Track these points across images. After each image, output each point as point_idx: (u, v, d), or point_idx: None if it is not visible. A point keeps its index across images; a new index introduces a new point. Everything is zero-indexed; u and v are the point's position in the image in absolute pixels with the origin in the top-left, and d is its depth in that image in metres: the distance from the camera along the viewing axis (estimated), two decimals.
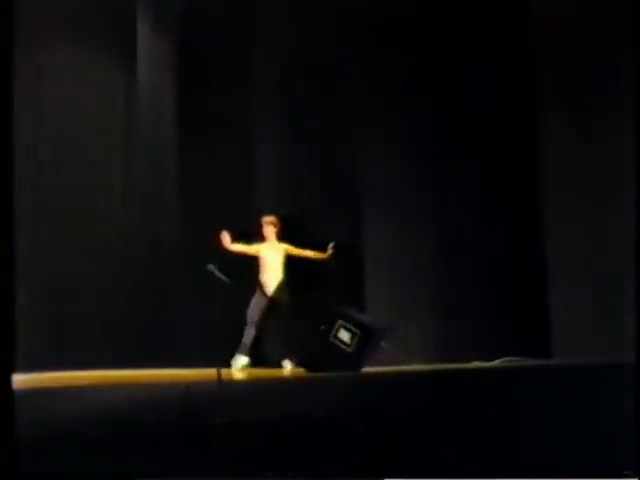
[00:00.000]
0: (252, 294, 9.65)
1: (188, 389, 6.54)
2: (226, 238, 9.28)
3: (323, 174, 10.50)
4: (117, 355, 9.98)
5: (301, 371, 8.49)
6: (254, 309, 9.42)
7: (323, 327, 8.56)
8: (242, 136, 10.76)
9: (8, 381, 3.94)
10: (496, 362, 9.18)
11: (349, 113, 10.62)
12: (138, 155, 10.96)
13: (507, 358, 9.25)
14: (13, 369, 4.28)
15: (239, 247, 9.38)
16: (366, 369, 8.42)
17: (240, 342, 9.31)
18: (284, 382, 7.88)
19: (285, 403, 5.89)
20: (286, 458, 4.45)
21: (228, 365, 8.97)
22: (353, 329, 8.45)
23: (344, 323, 8.49)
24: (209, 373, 7.99)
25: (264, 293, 9.48)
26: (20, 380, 7.78)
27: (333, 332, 8.48)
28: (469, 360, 9.17)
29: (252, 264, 10.23)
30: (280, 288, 9.40)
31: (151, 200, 10.77)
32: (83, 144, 11.08)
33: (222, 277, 9.25)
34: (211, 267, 9.16)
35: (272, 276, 9.46)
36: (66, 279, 10.75)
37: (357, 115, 10.64)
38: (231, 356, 9.24)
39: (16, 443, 3.69)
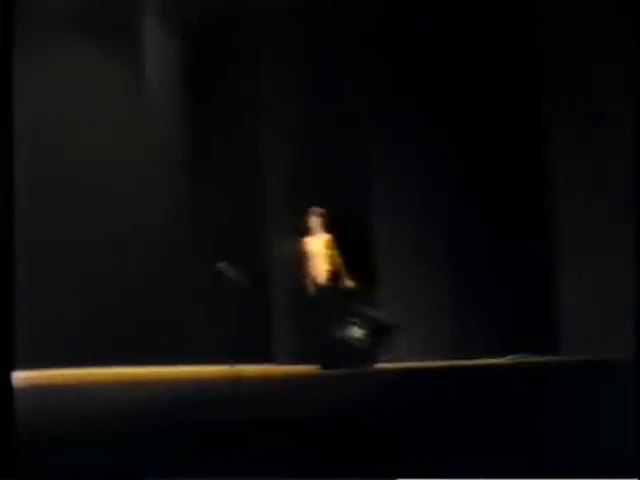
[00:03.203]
0: (263, 291, 9.67)
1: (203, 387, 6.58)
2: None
3: (336, 173, 10.45)
4: (123, 353, 10.05)
5: (315, 368, 8.50)
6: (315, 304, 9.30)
7: (336, 323, 8.57)
8: (251, 134, 10.76)
9: (8, 379, 3.91)
10: (506, 359, 9.16)
11: (364, 112, 10.58)
12: (147, 152, 11.03)
13: (517, 355, 9.22)
14: (13, 367, 4.26)
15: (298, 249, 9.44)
16: (379, 365, 8.44)
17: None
18: (298, 379, 7.88)
19: (299, 400, 5.89)
20: (301, 457, 4.44)
21: None
22: (367, 326, 8.46)
23: (357, 320, 8.50)
24: (223, 370, 8.05)
25: (316, 284, 9.37)
26: (20, 378, 7.83)
27: (347, 329, 8.48)
28: (480, 357, 9.15)
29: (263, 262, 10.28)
30: (328, 278, 9.27)
31: (160, 197, 10.80)
32: (90, 142, 11.20)
33: (233, 275, 9.28)
34: (222, 265, 9.20)
35: (319, 266, 9.36)
36: (72, 278, 10.92)
37: (373, 114, 10.60)
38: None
39: (15, 442, 3.66)
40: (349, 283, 9.21)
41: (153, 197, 10.94)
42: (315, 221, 9.39)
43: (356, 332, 8.47)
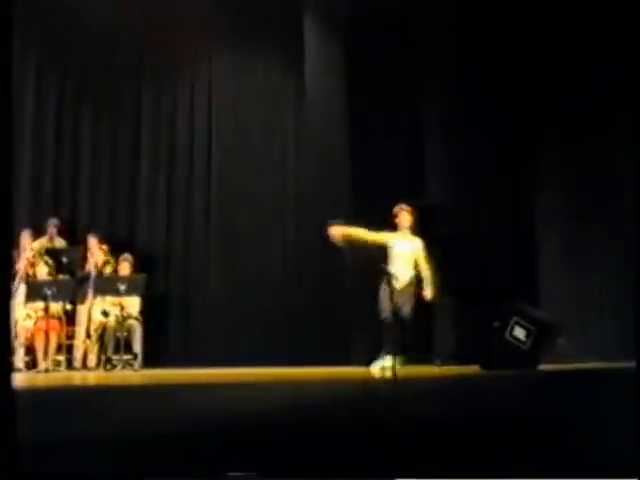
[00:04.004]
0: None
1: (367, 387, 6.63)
2: (335, 229, 8.25)
3: (493, 173, 10.32)
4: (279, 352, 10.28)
5: (475, 368, 8.44)
6: (386, 305, 8.30)
7: (497, 324, 8.48)
8: (410, 135, 10.73)
9: (8, 381, 3.96)
10: None
11: (523, 113, 10.43)
12: (308, 154, 11.23)
13: None
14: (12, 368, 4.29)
15: (357, 232, 8.39)
16: (541, 367, 8.30)
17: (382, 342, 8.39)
18: (458, 380, 7.84)
19: (459, 400, 5.86)
20: (465, 455, 4.42)
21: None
22: (529, 326, 8.33)
23: (519, 320, 8.38)
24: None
25: (392, 286, 8.27)
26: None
27: (508, 329, 8.38)
28: None
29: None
30: (410, 284, 8.36)
31: (321, 198, 10.95)
32: (253, 145, 11.58)
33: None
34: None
35: (402, 270, 8.45)
36: (233, 279, 11.28)
37: (531, 115, 10.44)
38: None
39: (16, 444, 3.70)
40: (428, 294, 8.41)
41: (316, 196, 11.11)
42: (402, 218, 8.63)
43: (518, 333, 8.35)
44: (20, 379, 8.26)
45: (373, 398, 5.88)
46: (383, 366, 8.13)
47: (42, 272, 10.35)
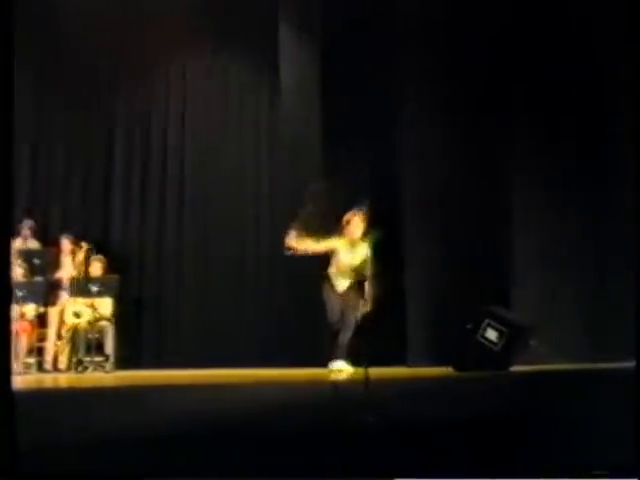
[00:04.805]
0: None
1: (337, 389, 6.63)
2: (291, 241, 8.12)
3: (471, 172, 10.30)
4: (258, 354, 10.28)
5: (449, 370, 8.46)
6: (330, 308, 8.33)
7: (469, 325, 8.51)
8: (386, 136, 10.72)
9: (8, 382, 3.96)
10: None
11: (499, 111, 10.44)
12: (283, 155, 11.22)
13: None
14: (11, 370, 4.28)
15: (309, 244, 8.18)
16: (514, 368, 8.33)
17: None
18: (431, 381, 7.85)
19: (432, 402, 5.87)
20: (433, 458, 4.43)
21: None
22: (501, 328, 8.36)
23: (491, 322, 8.41)
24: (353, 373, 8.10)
25: (334, 290, 8.37)
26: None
27: (480, 331, 8.41)
28: (619, 360, 8.88)
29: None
30: (352, 288, 8.20)
31: (295, 200, 10.94)
32: (227, 144, 11.58)
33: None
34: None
35: (345, 274, 8.37)
36: (207, 280, 11.27)
37: (506, 113, 10.45)
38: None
39: (15, 445, 3.70)
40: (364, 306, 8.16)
41: (290, 197, 11.07)
42: (356, 225, 8.40)
43: (490, 334, 8.38)
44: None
45: (343, 400, 5.89)
46: (339, 369, 8.16)
47: (15, 274, 10.26)
